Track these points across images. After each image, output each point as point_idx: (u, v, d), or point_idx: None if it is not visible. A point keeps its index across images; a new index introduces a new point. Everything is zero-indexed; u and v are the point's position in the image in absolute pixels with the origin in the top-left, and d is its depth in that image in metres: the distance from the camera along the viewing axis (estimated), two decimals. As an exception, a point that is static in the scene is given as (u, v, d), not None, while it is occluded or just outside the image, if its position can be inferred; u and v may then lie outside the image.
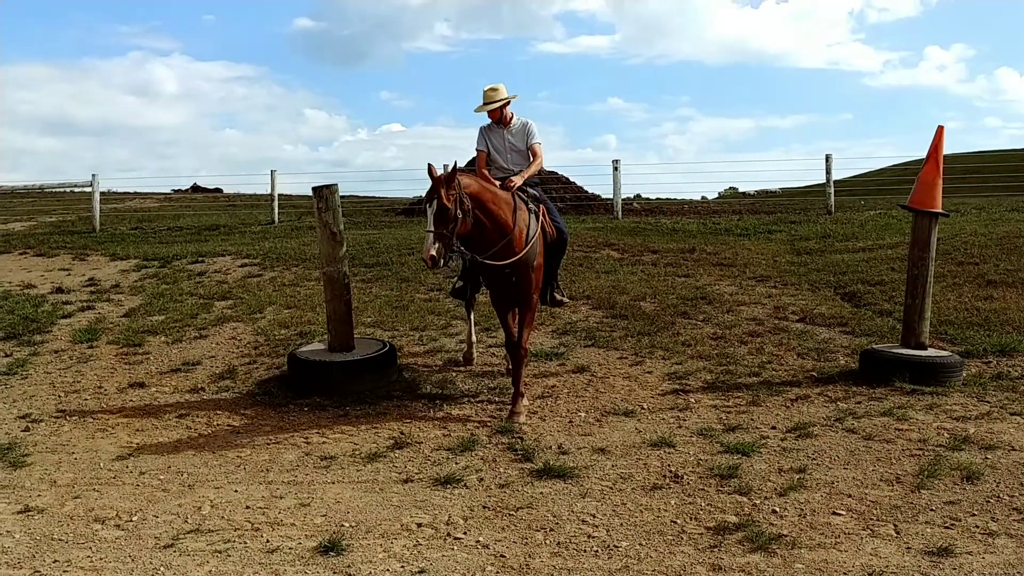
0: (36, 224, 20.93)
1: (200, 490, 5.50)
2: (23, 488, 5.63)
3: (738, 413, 6.57)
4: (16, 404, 7.46)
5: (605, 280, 11.13)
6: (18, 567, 4.52)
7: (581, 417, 6.61)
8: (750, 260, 12.38)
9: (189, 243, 15.68)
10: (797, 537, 4.53)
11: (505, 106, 7.35)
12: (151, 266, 13.19)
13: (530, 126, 7.39)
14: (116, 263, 13.76)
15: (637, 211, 21.28)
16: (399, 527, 4.84)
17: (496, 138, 7.43)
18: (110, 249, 15.16)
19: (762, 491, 5.13)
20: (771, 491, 5.13)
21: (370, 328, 9.26)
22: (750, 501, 5.01)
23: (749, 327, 8.88)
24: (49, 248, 15.70)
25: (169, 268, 12.91)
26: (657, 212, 20.93)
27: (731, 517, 4.81)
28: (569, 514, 4.91)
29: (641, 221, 18.02)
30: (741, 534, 4.59)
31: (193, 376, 8.03)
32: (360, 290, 10.57)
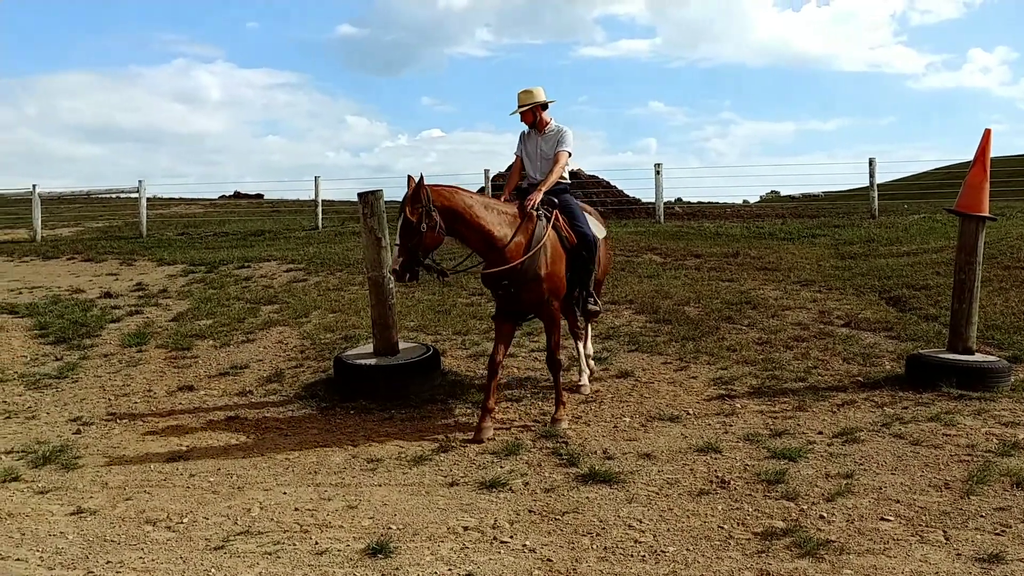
0: (83, 230, 21.34)
1: (249, 492, 5.57)
2: (75, 490, 5.74)
3: (784, 418, 6.52)
4: (67, 407, 7.61)
5: (648, 284, 11.10)
6: (72, 568, 4.60)
7: (626, 422, 6.60)
8: (794, 264, 12.28)
9: (235, 248, 15.88)
10: (845, 543, 4.48)
11: (538, 109, 7.21)
12: (198, 271, 13.40)
13: (562, 133, 7.19)
14: (163, 268, 14.00)
15: (679, 215, 21.21)
16: (446, 530, 4.87)
17: (530, 144, 7.31)
18: (157, 254, 15.41)
19: (809, 496, 5.08)
20: (818, 496, 5.08)
21: (413, 332, 9.32)
22: (797, 506, 4.97)
23: (794, 332, 8.81)
24: (97, 253, 16.00)
25: (216, 273, 13.10)
26: (699, 216, 20.83)
27: (778, 522, 4.77)
28: (615, 519, 4.90)
29: (683, 225, 17.95)
30: (789, 539, 4.55)
31: (241, 379, 8.14)
32: (403, 294, 10.65)
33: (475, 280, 11.72)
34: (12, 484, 5.84)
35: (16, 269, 15.12)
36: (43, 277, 14.07)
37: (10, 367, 8.81)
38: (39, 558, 4.71)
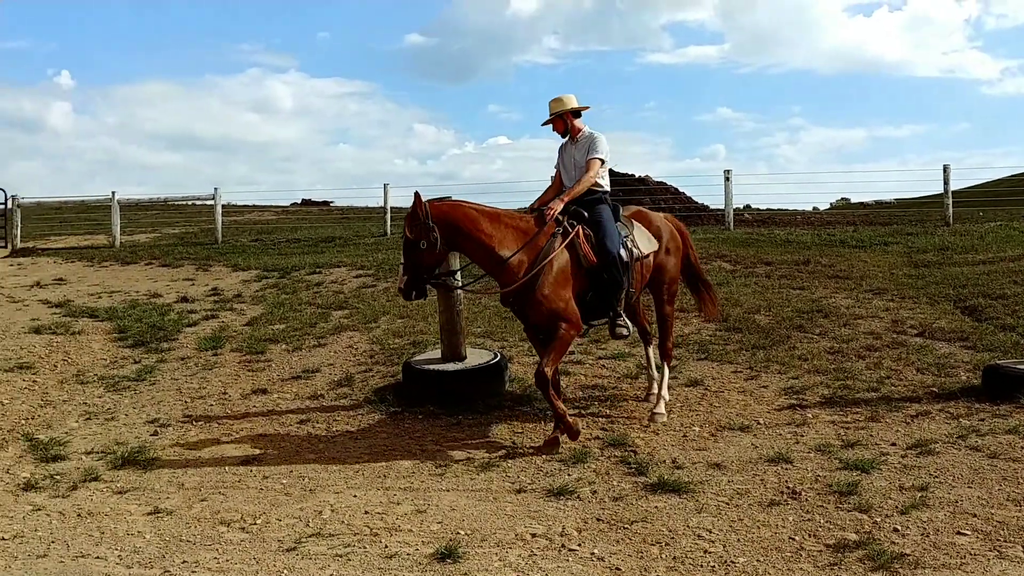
0: (160, 236, 21.88)
1: (321, 494, 5.65)
2: (152, 490, 5.89)
3: (857, 429, 6.40)
4: (145, 409, 7.81)
5: (717, 292, 10.97)
6: (149, 567, 4.72)
7: (695, 431, 6.54)
8: (866, 272, 12.05)
9: (306, 255, 16.14)
10: (920, 557, 4.39)
11: (569, 117, 6.93)
12: (271, 276, 13.65)
13: (593, 139, 6.89)
14: (238, 273, 14.29)
15: (748, 221, 20.99)
16: (513, 536, 4.88)
17: (566, 154, 7.06)
18: (232, 260, 15.74)
19: (883, 509, 4.99)
20: (892, 509, 4.98)
21: (480, 338, 9.36)
22: (870, 519, 4.88)
23: (867, 341, 8.64)
24: (174, 259, 16.39)
25: (288, 279, 13.33)
26: (769, 223, 20.58)
27: (851, 535, 4.69)
28: (685, 529, 4.87)
29: (753, 232, 17.74)
30: (861, 552, 4.48)
31: (312, 383, 8.27)
32: (470, 300, 10.70)
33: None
34: (92, 484, 6.02)
35: (96, 274, 15.57)
36: (122, 282, 14.47)
37: (90, 369, 9.08)
38: (117, 556, 4.85)
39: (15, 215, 20.39)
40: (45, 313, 11.72)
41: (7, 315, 11.62)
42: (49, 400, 8.13)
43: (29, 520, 5.40)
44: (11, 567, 4.73)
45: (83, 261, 17.20)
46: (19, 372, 8.92)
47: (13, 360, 9.27)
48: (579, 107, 6.99)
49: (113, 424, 7.42)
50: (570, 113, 6.94)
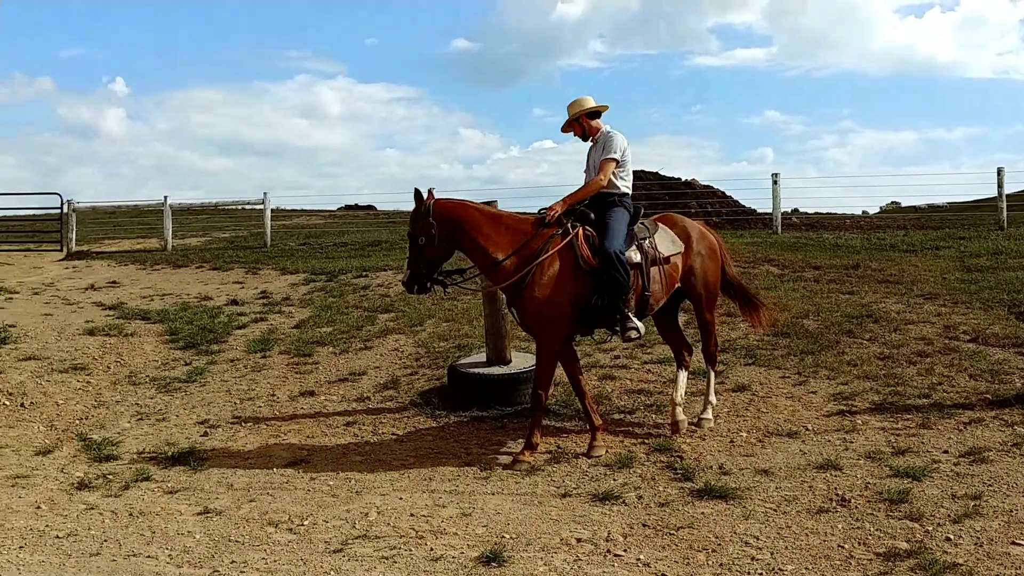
0: (211, 239, 22.19)
1: (367, 496, 5.70)
2: (202, 490, 5.98)
3: (908, 436, 6.29)
4: (195, 410, 7.93)
5: (765, 297, 10.83)
6: (199, 566, 4.80)
7: (742, 437, 6.48)
8: (917, 277, 11.83)
9: (353, 258, 16.26)
10: (973, 567, 4.31)
11: (584, 119, 6.79)
12: (319, 280, 13.78)
13: (608, 139, 6.69)
14: (286, 277, 14.45)
15: (796, 225, 20.77)
16: (559, 541, 4.88)
17: (589, 156, 6.91)
18: (280, 263, 15.92)
19: (935, 517, 4.90)
20: (944, 518, 4.89)
21: (525, 342, 9.36)
22: (922, 527, 4.80)
23: (918, 347, 8.49)
24: (224, 262, 16.61)
25: (335, 282, 13.45)
26: (817, 227, 20.32)
27: (902, 543, 4.62)
28: (732, 535, 4.82)
29: (801, 236, 17.53)
30: (913, 561, 4.40)
31: (359, 385, 8.33)
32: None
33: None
34: (144, 484, 6.12)
35: (148, 277, 15.84)
36: (173, 285, 14.70)
37: (143, 371, 9.24)
38: (168, 556, 4.93)
39: (71, 219, 20.81)
40: (99, 315, 11.95)
41: (62, 317, 11.87)
42: (102, 401, 8.29)
43: (83, 519, 5.51)
44: (65, 564, 4.83)
45: (136, 264, 17.52)
46: (73, 373, 9.11)
47: (68, 361, 9.47)
48: (595, 107, 6.82)
49: (164, 425, 7.55)
50: (585, 115, 6.80)
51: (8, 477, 6.35)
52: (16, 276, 16.62)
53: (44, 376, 9.00)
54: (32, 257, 19.97)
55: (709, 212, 22.37)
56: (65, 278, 16.15)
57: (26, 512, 5.65)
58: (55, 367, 9.29)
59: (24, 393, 8.48)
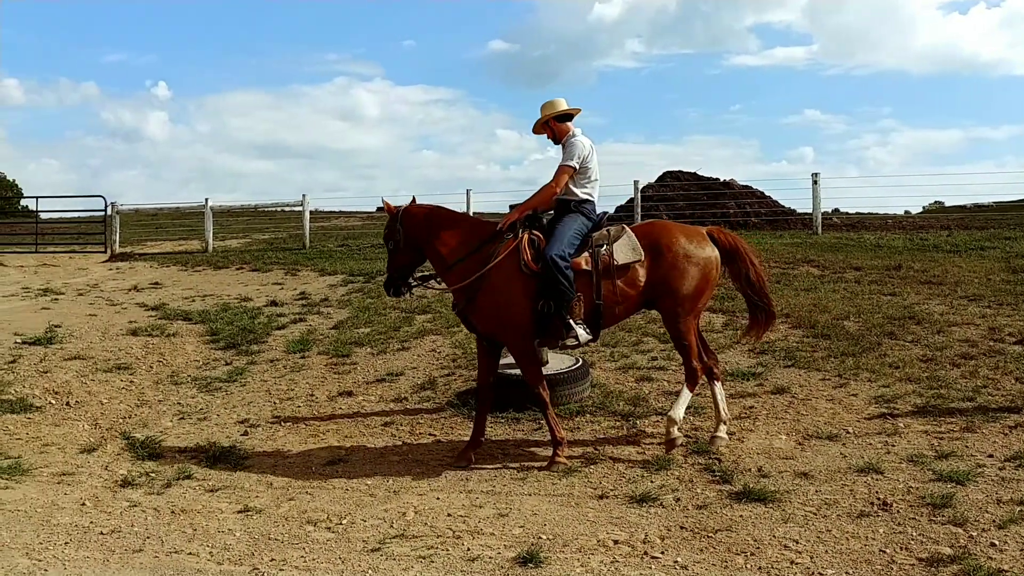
0: (251, 241, 22.44)
1: (404, 496, 5.72)
2: (242, 489, 6.04)
3: (951, 439, 6.19)
4: (236, 409, 8.02)
5: (805, 298, 10.77)
6: (239, 563, 4.85)
7: (782, 440, 6.41)
8: (961, 278, 11.65)
9: (389, 259, 16.32)
10: (1019, 573, 4.24)
11: (553, 123, 6.66)
12: (356, 281, 13.87)
13: (570, 144, 6.57)
14: (324, 278, 14.56)
15: (837, 226, 20.54)
16: (596, 542, 4.87)
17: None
18: (319, 265, 16.05)
19: (979, 522, 4.82)
20: (989, 523, 4.81)
21: (563, 343, 9.34)
22: (966, 532, 4.72)
23: (962, 349, 8.35)
24: (263, 264, 16.78)
25: (373, 283, 13.52)
26: (858, 227, 20.08)
27: (945, 549, 4.54)
28: (771, 539, 4.78)
29: (842, 236, 17.34)
30: (956, 567, 4.33)
31: (396, 386, 8.37)
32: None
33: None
34: (185, 482, 6.20)
35: (190, 278, 16.05)
36: (214, 286, 14.88)
37: (184, 371, 9.36)
38: (209, 553, 4.98)
39: (114, 221, 21.15)
40: (142, 316, 12.13)
41: (106, 318, 12.07)
42: (145, 400, 8.41)
43: (126, 516, 5.60)
44: (109, 560, 4.90)
45: (177, 266, 17.76)
46: (117, 372, 9.25)
47: (112, 361, 9.62)
48: (565, 111, 6.68)
49: (205, 424, 7.64)
50: (554, 119, 6.66)
51: (54, 474, 6.47)
52: (62, 277, 16.94)
53: (89, 375, 9.15)
54: (77, 259, 20.33)
55: (748, 212, 22.16)
56: (109, 279, 16.43)
57: (71, 509, 5.75)
58: (99, 367, 9.44)
59: (69, 392, 8.63)
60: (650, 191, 23.38)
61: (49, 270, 18.27)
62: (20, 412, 8.01)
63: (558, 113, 6.66)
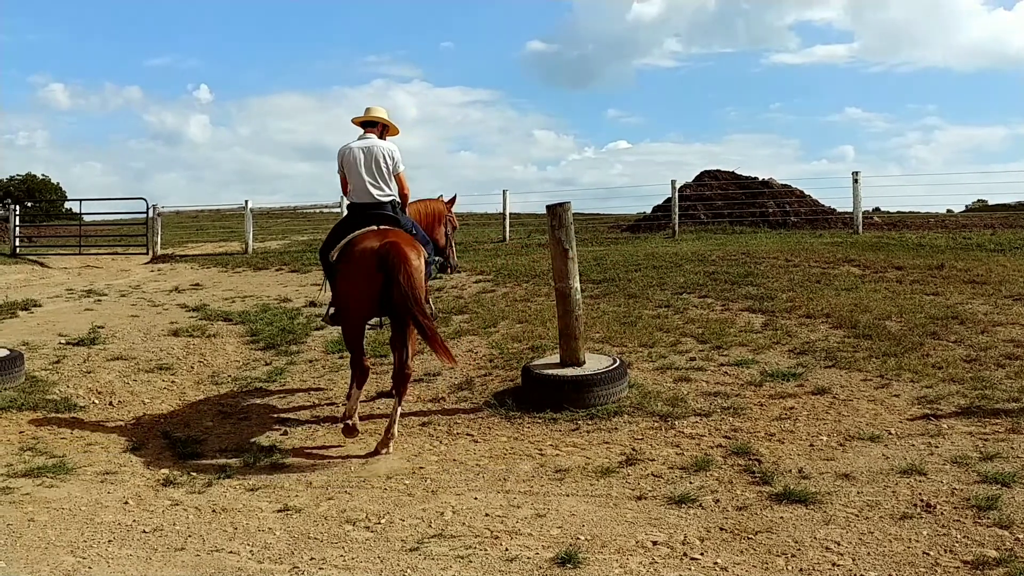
0: (290, 242, 22.62)
1: (442, 496, 5.73)
2: (282, 488, 6.08)
3: (996, 441, 6.08)
4: (275, 410, 8.07)
5: (846, 298, 10.65)
6: (279, 562, 4.88)
7: (823, 441, 6.34)
8: (1006, 277, 11.46)
9: (427, 259, 16.38)
10: (1068, 578, 4.14)
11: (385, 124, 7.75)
12: (393, 282, 13.90)
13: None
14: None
15: (878, 225, 20.32)
16: (634, 543, 4.84)
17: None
18: (356, 265, 16.09)
19: (1026, 526, 4.73)
20: (1036, 526, 4.72)
21: (599, 344, 9.32)
22: (1012, 535, 4.62)
23: (1006, 349, 8.21)
24: (302, 264, 16.93)
25: (409, 283, 13.54)
26: (899, 226, 19.83)
27: (991, 551, 4.46)
28: (812, 540, 4.72)
29: (883, 236, 17.14)
30: (1003, 570, 4.25)
31: (434, 386, 8.40)
32: (588, 306, 10.66)
33: (661, 292, 11.65)
34: (226, 481, 6.25)
35: (230, 279, 16.23)
36: (254, 287, 15.04)
37: (224, 371, 9.45)
38: (249, 551, 5.02)
39: (156, 223, 21.45)
40: (183, 316, 12.29)
41: (148, 318, 12.23)
42: (186, 400, 8.51)
43: (168, 514, 5.65)
44: (151, 558, 4.96)
45: (218, 267, 17.97)
46: (159, 373, 9.37)
47: (154, 361, 9.75)
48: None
49: (245, 424, 7.70)
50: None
51: (98, 473, 6.56)
52: (104, 279, 17.20)
53: (131, 375, 9.28)
54: (119, 260, 20.65)
55: (787, 212, 21.95)
56: (151, 280, 16.65)
57: (114, 507, 5.83)
58: (141, 367, 9.57)
59: (112, 392, 8.75)
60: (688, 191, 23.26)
61: (92, 272, 18.56)
62: (64, 412, 8.15)
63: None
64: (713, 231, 20.79)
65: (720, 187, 23.32)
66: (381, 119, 7.67)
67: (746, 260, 13.85)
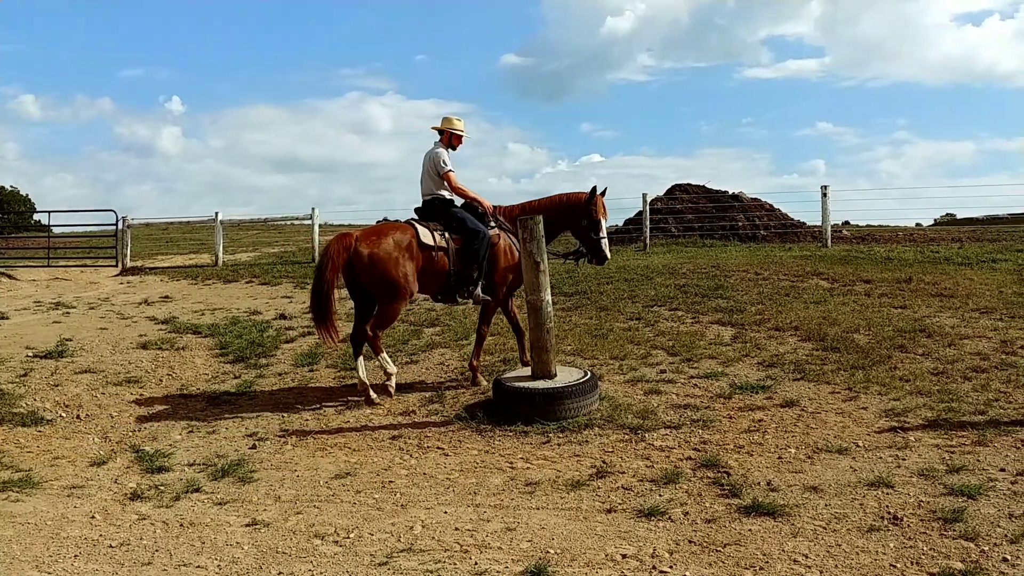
0: (261, 255, 22.50)
1: (412, 510, 5.71)
2: (250, 502, 6.03)
3: (963, 453, 6.14)
4: (244, 423, 8.01)
5: (814, 311, 10.75)
6: (247, 576, 4.84)
7: (791, 453, 6.38)
8: (973, 291, 11.62)
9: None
10: (1033, 590, 4.20)
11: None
12: (365, 294, 13.86)
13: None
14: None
15: (847, 238, 20.52)
16: (603, 556, 4.84)
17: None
18: (328, 278, 16.03)
19: (991, 537, 4.77)
20: (1001, 537, 4.76)
21: (570, 356, 9.34)
22: (978, 547, 4.67)
23: (973, 362, 8.32)
24: (273, 277, 16.84)
25: (381, 296, 13.51)
26: (868, 239, 20.04)
27: (956, 563, 4.50)
28: (780, 553, 4.75)
29: (852, 249, 17.31)
30: (968, 583, 4.30)
31: (405, 399, 8.36)
32: (560, 318, 10.70)
33: (632, 305, 11.69)
34: (194, 495, 6.20)
35: (200, 292, 16.11)
36: (223, 299, 14.93)
37: (193, 384, 9.38)
38: (217, 566, 4.97)
39: (126, 236, 21.26)
40: (152, 329, 12.18)
41: (117, 331, 12.11)
42: (155, 413, 8.42)
43: (135, 529, 5.59)
44: (118, 573, 4.90)
45: (188, 279, 17.83)
46: (127, 386, 9.28)
47: (122, 374, 9.65)
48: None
49: (214, 437, 7.64)
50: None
51: (64, 487, 6.48)
52: (73, 291, 17.03)
53: (99, 389, 9.18)
54: (89, 272, 20.44)
55: (757, 225, 22.13)
56: (120, 293, 16.50)
57: (81, 522, 5.75)
58: (109, 380, 9.47)
59: (80, 405, 8.66)
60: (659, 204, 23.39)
61: (61, 284, 18.37)
62: (31, 425, 8.04)
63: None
64: (684, 244, 20.91)
65: (691, 200, 23.48)
66: (439, 128, 8.91)
67: (716, 273, 13.94)
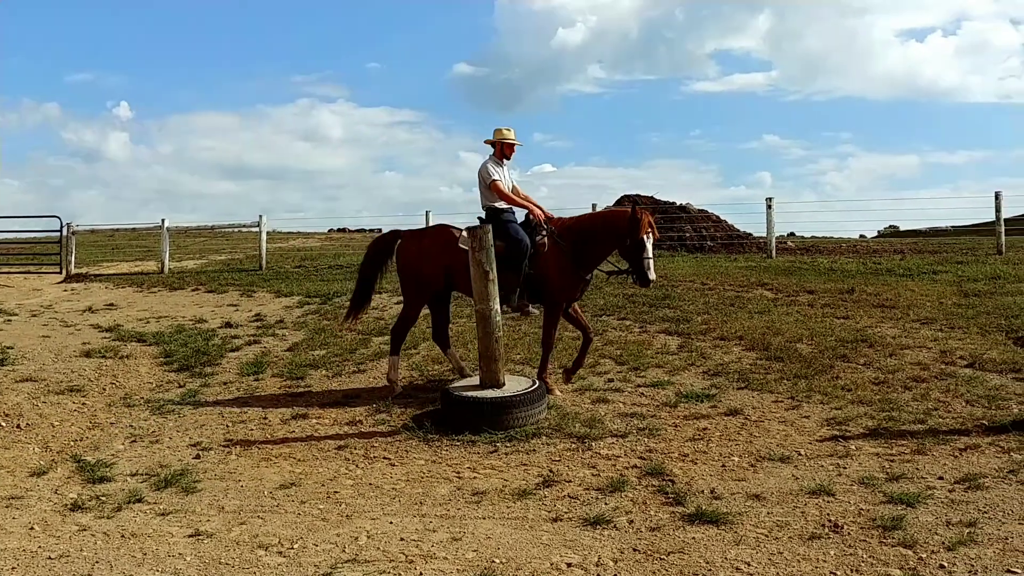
0: (208, 262, 22.23)
1: (357, 520, 5.67)
2: (194, 513, 5.95)
3: (902, 462, 6.27)
4: (188, 432, 7.90)
5: (759, 321, 10.90)
6: (189, 588, 4.78)
7: (734, 461, 6.46)
8: (914, 302, 11.86)
9: (348, 281, 16.24)
10: (967, 595, 4.29)
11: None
12: (313, 303, 13.80)
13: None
14: (281, 299, 14.47)
15: (791, 249, 20.82)
16: (549, 566, 4.85)
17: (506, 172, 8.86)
18: (275, 286, 15.95)
19: (928, 544, 4.88)
20: (938, 545, 4.86)
21: (519, 365, 9.37)
22: (915, 555, 4.77)
23: (913, 372, 8.49)
24: (219, 285, 16.65)
25: (330, 304, 13.47)
26: (813, 251, 20.37)
27: (895, 571, 4.59)
28: (723, 561, 4.80)
29: (796, 260, 17.58)
30: (906, 589, 4.38)
31: (352, 409, 8.31)
32: (509, 327, 10.71)
33: (583, 314, 11.76)
34: (136, 505, 6.10)
35: (145, 299, 15.86)
36: (169, 307, 14.73)
37: (137, 392, 9.23)
38: (159, 578, 4.90)
39: (70, 242, 20.87)
40: (96, 337, 11.97)
41: (60, 339, 11.88)
42: (97, 422, 8.28)
43: (75, 540, 5.49)
44: (54, 587, 4.81)
45: (133, 287, 17.55)
46: (69, 395, 9.10)
47: (64, 383, 9.47)
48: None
49: (157, 447, 7.53)
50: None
51: (2, 498, 6.34)
52: (15, 298, 16.66)
53: (40, 397, 9.00)
54: (32, 279, 20.04)
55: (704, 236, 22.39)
56: (63, 300, 16.19)
57: (19, 533, 5.63)
58: (51, 388, 9.29)
59: (20, 414, 8.47)
60: (610, 213, 23.50)
61: (3, 291, 17.95)
62: (-34, 435, 7.85)
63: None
64: (634, 254, 20.98)
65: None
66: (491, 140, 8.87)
67: (663, 283, 14.07)
